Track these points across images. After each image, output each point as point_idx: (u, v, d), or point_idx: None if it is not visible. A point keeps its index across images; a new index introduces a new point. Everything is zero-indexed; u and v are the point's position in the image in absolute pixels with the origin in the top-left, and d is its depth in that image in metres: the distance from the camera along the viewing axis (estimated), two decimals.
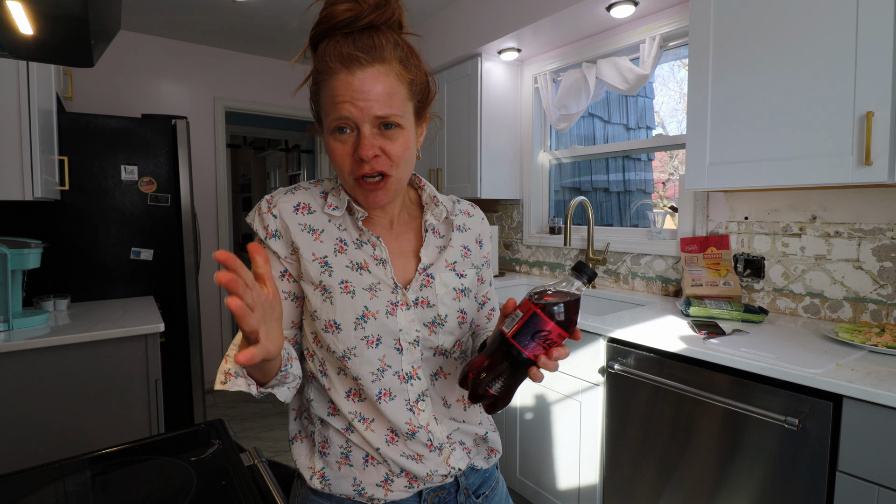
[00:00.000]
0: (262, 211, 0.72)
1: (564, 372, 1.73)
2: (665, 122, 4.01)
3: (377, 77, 0.63)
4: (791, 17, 1.36)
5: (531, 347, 0.59)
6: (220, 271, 0.45)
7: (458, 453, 0.75)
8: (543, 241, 2.67)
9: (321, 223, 0.72)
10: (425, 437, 0.72)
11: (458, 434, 0.77)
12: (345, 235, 0.72)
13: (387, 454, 0.70)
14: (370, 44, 0.63)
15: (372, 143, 0.64)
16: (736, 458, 1.26)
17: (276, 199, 0.72)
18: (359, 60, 0.62)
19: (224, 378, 0.60)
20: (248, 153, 6.64)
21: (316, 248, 0.71)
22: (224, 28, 3.12)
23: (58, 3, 0.62)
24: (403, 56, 0.67)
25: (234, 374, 0.60)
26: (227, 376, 0.60)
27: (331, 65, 0.64)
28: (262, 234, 0.72)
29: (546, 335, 0.59)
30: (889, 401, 0.98)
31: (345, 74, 0.63)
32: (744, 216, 1.81)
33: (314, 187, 0.75)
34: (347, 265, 0.71)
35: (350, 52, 0.63)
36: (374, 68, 0.63)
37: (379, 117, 0.63)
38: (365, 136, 0.64)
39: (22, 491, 0.79)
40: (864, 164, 1.23)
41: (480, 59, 2.55)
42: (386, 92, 0.64)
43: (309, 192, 0.74)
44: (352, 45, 0.63)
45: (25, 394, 1.62)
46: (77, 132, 2.28)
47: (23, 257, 1.72)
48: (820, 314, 1.63)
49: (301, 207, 0.72)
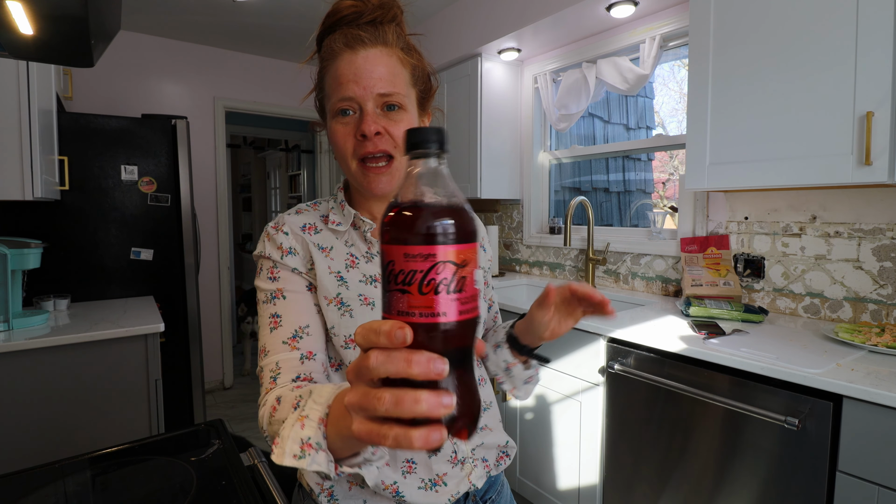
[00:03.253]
0: (272, 234, 0.70)
1: (564, 372, 1.73)
2: (665, 122, 4.01)
3: (380, 57, 0.64)
4: (791, 17, 1.36)
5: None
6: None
7: (479, 470, 0.74)
8: (543, 241, 2.67)
9: (329, 241, 0.71)
10: (450, 448, 0.70)
11: (481, 450, 0.76)
12: (353, 251, 0.72)
13: (403, 491, 0.67)
14: (373, 30, 0.65)
15: (375, 120, 0.64)
16: (736, 458, 1.26)
17: (282, 220, 0.71)
18: (362, 40, 0.64)
19: (301, 451, 0.44)
20: (248, 153, 6.64)
21: (330, 263, 0.70)
22: (224, 28, 3.12)
23: (58, 3, 0.62)
24: (406, 46, 0.69)
25: (316, 448, 0.44)
26: (307, 448, 0.44)
27: (334, 47, 0.65)
28: (277, 255, 0.68)
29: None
30: (889, 401, 0.98)
31: (349, 54, 0.64)
32: (744, 216, 1.81)
33: (313, 210, 0.75)
34: (361, 279, 0.70)
35: (354, 33, 0.65)
36: (378, 49, 0.65)
37: (382, 95, 0.64)
38: (368, 113, 0.64)
39: (22, 491, 0.79)
40: (863, 164, 1.23)
41: (480, 59, 2.55)
42: (389, 72, 0.65)
43: (310, 214, 0.73)
44: (356, 29, 0.65)
45: (25, 394, 1.62)
46: (77, 132, 2.28)
47: (23, 257, 1.72)
48: (820, 314, 1.63)
49: (308, 227, 0.71)
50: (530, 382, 0.82)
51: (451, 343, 0.33)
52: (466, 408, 0.35)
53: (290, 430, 0.45)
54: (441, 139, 0.37)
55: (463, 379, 0.35)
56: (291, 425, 0.46)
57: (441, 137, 0.37)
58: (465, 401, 0.35)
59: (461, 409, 0.34)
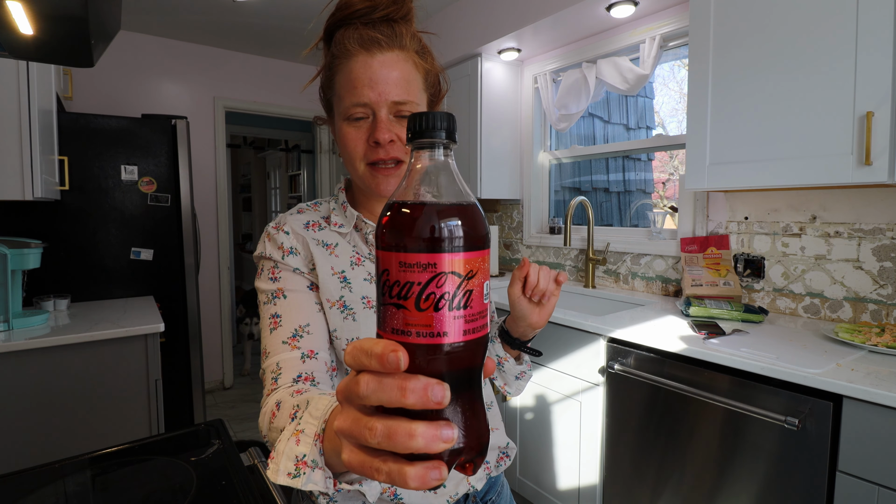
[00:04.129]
0: (272, 233, 0.70)
1: (564, 372, 1.73)
2: (665, 122, 4.01)
3: (396, 62, 0.64)
4: (791, 16, 1.36)
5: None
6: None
7: (479, 472, 0.73)
8: (543, 241, 2.67)
9: (334, 238, 0.71)
10: None
11: None
12: (357, 251, 0.72)
13: (402, 493, 0.67)
14: (390, 31, 0.64)
15: (388, 128, 0.64)
16: (736, 459, 1.26)
17: (282, 220, 0.71)
18: (379, 43, 0.63)
19: (296, 469, 0.42)
20: (248, 153, 6.65)
21: (333, 262, 0.69)
22: (224, 28, 3.12)
23: (58, 3, 0.62)
24: (420, 48, 0.68)
25: (312, 466, 0.42)
26: (301, 465, 0.42)
27: (349, 47, 0.64)
28: (278, 254, 0.68)
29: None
30: (889, 401, 0.98)
31: (364, 56, 0.63)
32: (744, 216, 1.81)
33: (313, 210, 0.74)
34: (366, 278, 0.70)
35: (371, 34, 0.63)
36: (394, 53, 0.64)
37: (396, 103, 0.64)
38: (381, 120, 0.63)
39: (22, 491, 0.79)
40: (863, 164, 1.23)
41: (480, 59, 2.55)
42: (404, 78, 0.64)
43: (312, 214, 0.73)
44: (372, 29, 0.64)
45: (25, 394, 1.62)
46: (77, 132, 2.28)
47: (23, 257, 1.72)
48: (820, 314, 1.63)
49: (311, 224, 0.71)
50: (522, 378, 0.83)
51: (455, 366, 0.29)
52: (472, 439, 0.30)
53: (285, 445, 0.43)
54: (450, 126, 0.31)
55: (468, 406, 0.30)
56: (287, 439, 0.44)
57: (450, 125, 0.31)
58: (471, 431, 0.30)
59: (466, 442, 0.29)
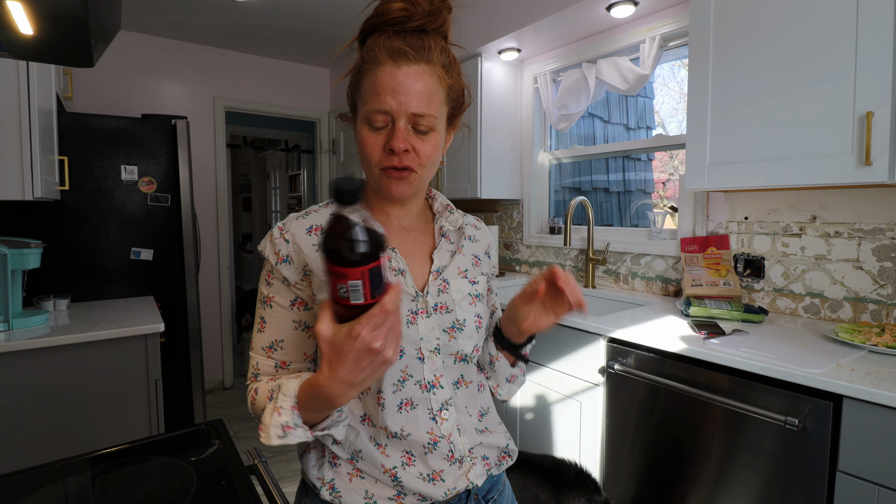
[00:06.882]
0: (275, 237, 0.72)
1: (564, 372, 1.73)
2: (665, 122, 4.01)
3: (420, 75, 0.66)
4: (791, 16, 1.36)
5: None
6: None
7: (478, 468, 0.74)
8: (543, 241, 2.67)
9: None
10: (446, 448, 0.71)
11: (481, 448, 0.76)
12: None
13: (402, 477, 0.69)
14: (419, 44, 0.66)
15: (405, 137, 0.66)
16: (736, 458, 1.26)
17: (288, 225, 0.72)
18: (406, 55, 0.65)
19: (282, 431, 0.58)
20: (248, 153, 6.65)
21: None
22: (224, 28, 3.12)
23: (58, 3, 0.62)
24: (447, 62, 0.70)
25: (294, 426, 0.58)
26: (286, 429, 0.58)
27: (378, 55, 0.66)
28: (273, 259, 0.71)
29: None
30: (889, 401, 0.98)
31: (391, 66, 0.65)
32: (744, 216, 1.81)
33: (325, 209, 0.75)
34: None
35: (400, 46, 0.65)
36: (420, 66, 0.66)
37: (416, 114, 0.65)
38: (399, 129, 0.65)
39: (22, 491, 0.79)
40: (863, 164, 1.23)
41: (480, 59, 2.55)
42: (426, 91, 0.66)
43: (321, 214, 0.74)
44: (402, 41, 0.66)
45: (25, 394, 1.62)
46: (77, 132, 2.28)
47: (23, 257, 1.72)
48: (820, 314, 1.63)
49: (314, 229, 0.71)
50: (512, 382, 0.84)
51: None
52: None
53: (270, 419, 0.59)
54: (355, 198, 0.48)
55: None
56: (270, 414, 0.59)
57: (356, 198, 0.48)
58: None
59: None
